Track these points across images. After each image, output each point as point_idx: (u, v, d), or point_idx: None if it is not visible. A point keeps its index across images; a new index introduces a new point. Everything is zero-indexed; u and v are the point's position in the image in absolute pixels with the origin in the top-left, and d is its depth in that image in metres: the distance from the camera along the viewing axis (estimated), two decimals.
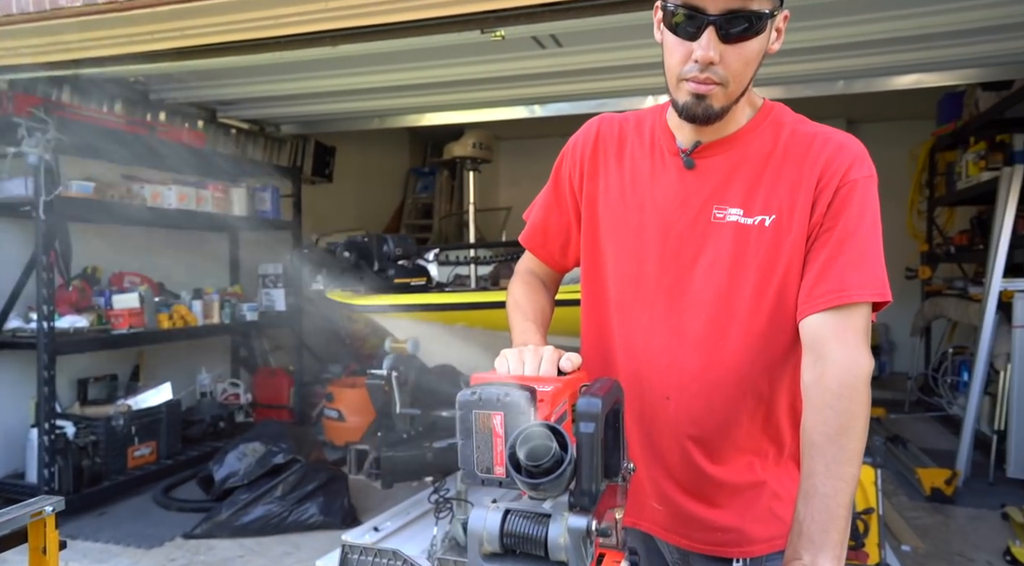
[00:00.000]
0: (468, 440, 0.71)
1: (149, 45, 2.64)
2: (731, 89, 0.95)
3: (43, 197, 3.23)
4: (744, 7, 0.90)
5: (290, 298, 4.95)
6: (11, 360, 3.61)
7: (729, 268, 1.00)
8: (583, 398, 0.70)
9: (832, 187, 0.97)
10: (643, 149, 1.09)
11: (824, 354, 0.94)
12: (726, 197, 1.01)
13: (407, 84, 3.85)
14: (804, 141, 1.00)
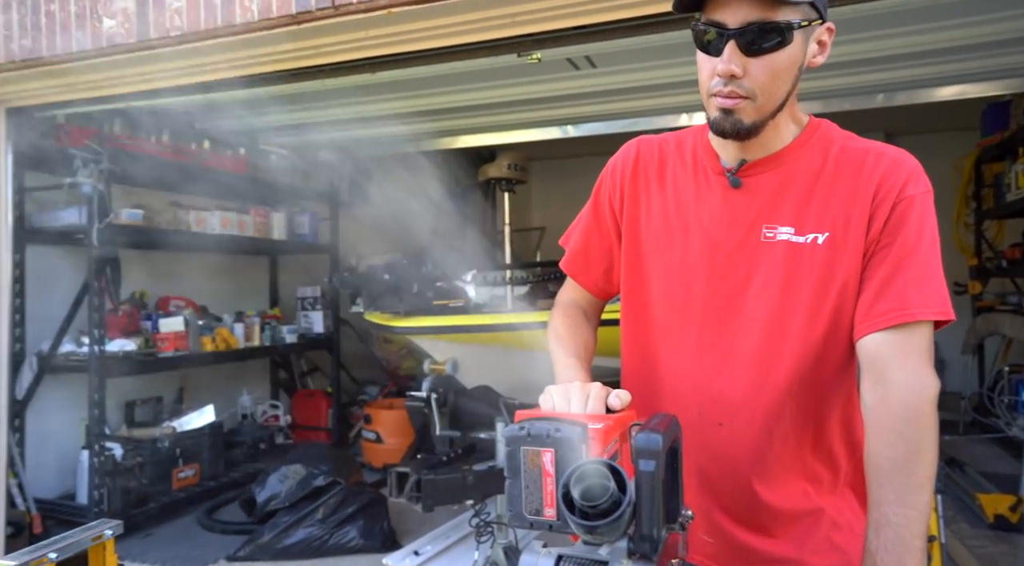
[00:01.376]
0: (516, 479, 0.67)
1: (197, 78, 2.74)
2: (760, 102, 0.93)
3: (96, 225, 3.34)
4: (766, 19, 0.88)
5: (328, 320, 5.01)
6: (64, 383, 3.72)
7: (781, 288, 0.98)
8: (643, 434, 0.66)
9: (889, 203, 0.94)
10: (685, 170, 1.07)
11: (886, 375, 0.91)
12: (775, 216, 0.99)
13: (442, 108, 3.91)
14: (856, 157, 0.98)
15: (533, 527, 0.67)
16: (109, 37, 2.51)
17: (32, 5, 2.64)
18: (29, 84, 2.92)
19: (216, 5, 2.34)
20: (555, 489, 0.65)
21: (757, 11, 0.88)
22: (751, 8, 0.88)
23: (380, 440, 4.52)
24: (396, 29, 2.29)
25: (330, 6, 2.19)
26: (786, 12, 0.89)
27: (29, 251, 3.58)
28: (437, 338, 2.97)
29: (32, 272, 3.61)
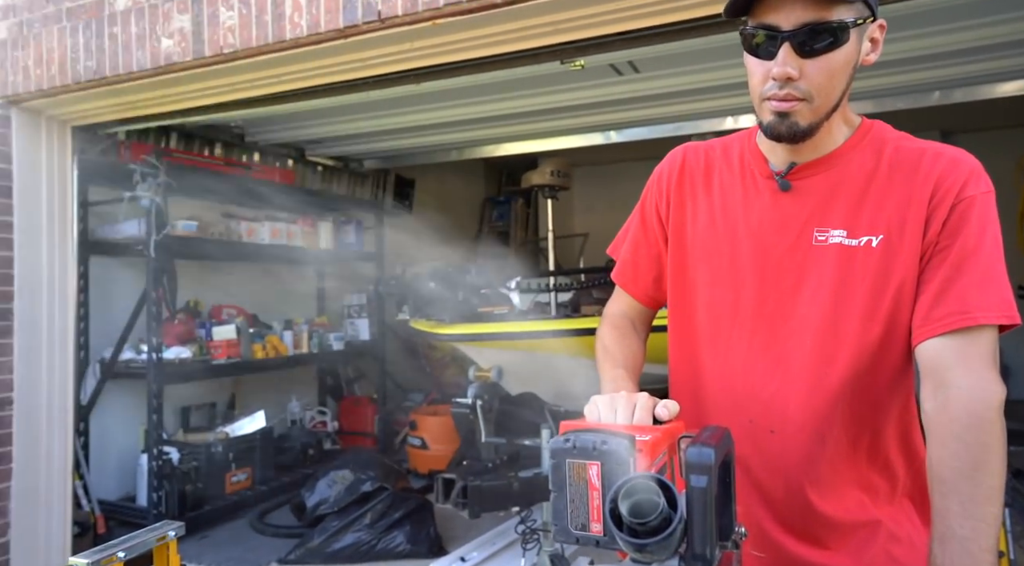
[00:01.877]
0: (561, 493, 0.65)
1: (249, 92, 2.82)
2: (817, 104, 0.91)
3: (153, 237, 3.48)
4: (820, 19, 0.86)
5: (373, 328, 5.09)
6: (125, 389, 3.87)
7: (835, 292, 0.95)
8: (694, 447, 0.63)
9: (947, 204, 0.92)
10: (732, 174, 1.06)
11: (947, 381, 0.88)
12: (827, 219, 0.97)
13: (485, 116, 3.93)
14: (912, 157, 0.96)
15: (579, 543, 0.65)
16: (167, 56, 2.60)
17: (96, 29, 2.76)
18: (93, 103, 3.05)
19: (267, 22, 2.41)
20: (602, 504, 0.63)
21: (812, 11, 0.86)
22: (805, 8, 0.86)
23: (426, 446, 4.56)
24: (440, 40, 2.31)
25: (376, 19, 2.23)
26: (840, 11, 0.87)
27: (92, 262, 3.74)
28: (482, 345, 2.99)
29: (95, 282, 3.77)
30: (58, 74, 2.86)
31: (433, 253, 5.87)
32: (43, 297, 3.24)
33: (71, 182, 3.37)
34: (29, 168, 3.20)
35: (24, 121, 3.17)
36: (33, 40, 2.94)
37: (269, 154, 4.69)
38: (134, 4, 2.69)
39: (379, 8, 2.22)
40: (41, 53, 2.91)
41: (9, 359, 3.11)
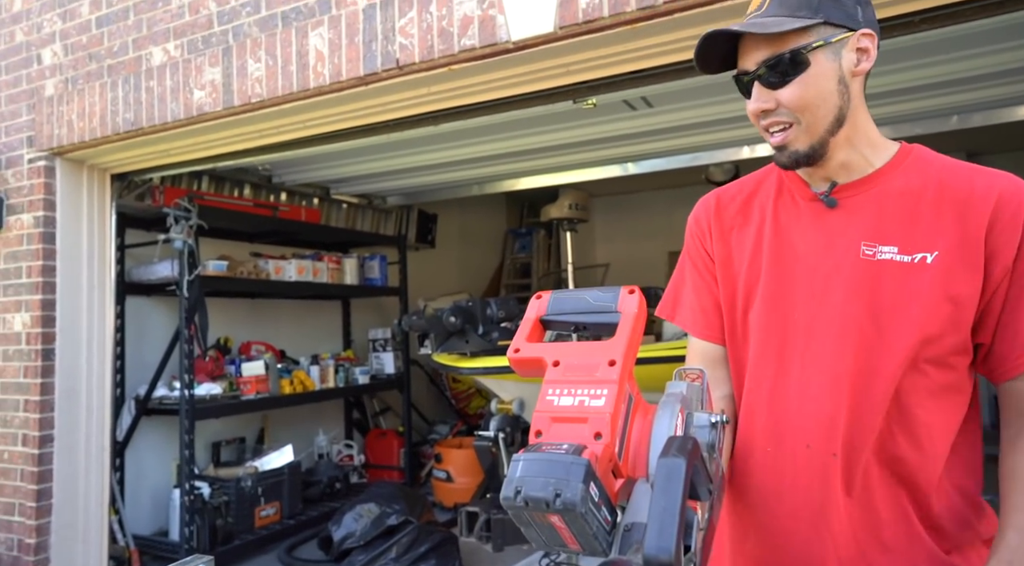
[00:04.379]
0: (528, 528, 0.64)
1: (275, 137, 2.95)
2: (807, 124, 0.95)
3: (186, 277, 3.60)
4: (774, 53, 0.92)
5: (398, 361, 5.15)
6: (158, 425, 3.97)
7: (885, 307, 0.94)
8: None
9: (1018, 230, 0.91)
10: (771, 202, 1.07)
11: None
12: (876, 235, 0.97)
13: (503, 152, 4.03)
14: (964, 176, 0.96)
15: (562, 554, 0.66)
16: (199, 106, 2.75)
17: (134, 83, 2.92)
18: (131, 152, 3.21)
19: (292, 73, 2.53)
20: (572, 536, 0.62)
21: (767, 49, 0.93)
22: (762, 49, 0.94)
23: (450, 479, 4.57)
24: (456, 84, 2.41)
25: (395, 67, 2.34)
26: (795, 40, 0.92)
27: (128, 302, 3.88)
28: (503, 378, 3.02)
29: (130, 322, 3.91)
30: (99, 126, 3.03)
31: (455, 286, 5.96)
32: (83, 337, 3.38)
33: (110, 227, 3.53)
34: (72, 215, 3.36)
35: (68, 170, 3.35)
36: (77, 95, 3.12)
37: (296, 194, 4.84)
38: (169, 59, 2.85)
39: (397, 56, 2.33)
40: (84, 107, 3.09)
41: (51, 397, 3.24)
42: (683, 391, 0.80)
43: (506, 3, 2.16)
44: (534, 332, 0.85)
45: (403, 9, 2.32)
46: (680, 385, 0.81)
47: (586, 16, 2.02)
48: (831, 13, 0.92)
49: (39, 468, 3.18)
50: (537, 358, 0.79)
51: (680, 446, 0.62)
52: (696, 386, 0.84)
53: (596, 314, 0.83)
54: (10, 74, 3.39)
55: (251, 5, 2.66)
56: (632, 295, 0.81)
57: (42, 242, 3.24)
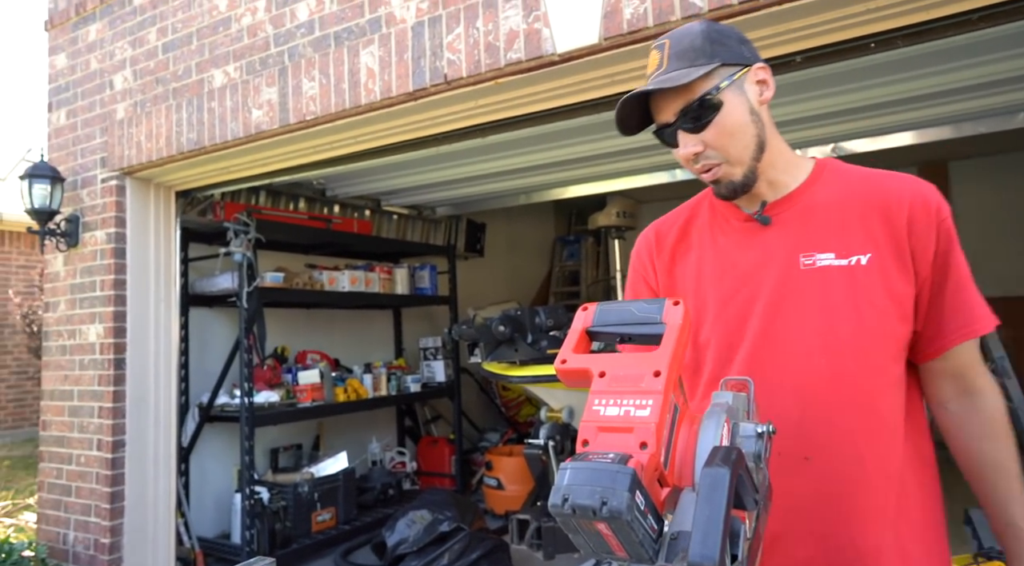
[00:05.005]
0: (576, 535, 0.66)
1: (328, 153, 3.05)
2: (733, 158, 1.04)
3: (245, 289, 3.75)
4: (688, 101, 1.01)
5: (448, 370, 5.22)
6: (220, 432, 4.13)
7: (832, 309, 1.01)
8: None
9: (933, 228, 1.01)
10: (709, 228, 1.15)
11: (975, 387, 1.05)
12: (810, 245, 1.04)
13: (550, 162, 4.06)
14: (878, 182, 1.06)
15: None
16: (256, 125, 2.87)
17: (197, 105, 3.07)
18: (193, 170, 3.37)
19: (344, 90, 2.62)
20: (619, 542, 0.64)
21: (679, 101, 1.02)
22: (675, 101, 1.02)
23: (501, 486, 4.60)
24: (503, 97, 2.45)
25: (443, 82, 2.40)
26: (702, 86, 1.01)
27: (192, 313, 4.06)
28: (552, 387, 3.03)
29: (193, 332, 4.08)
30: (165, 146, 3.19)
31: (504, 295, 6.00)
32: (150, 347, 3.55)
33: (175, 241, 3.70)
34: (140, 230, 3.54)
35: (136, 189, 3.53)
36: (145, 118, 3.29)
37: (348, 206, 4.97)
38: (229, 81, 2.98)
39: (445, 71, 2.38)
40: (151, 129, 3.26)
41: (123, 405, 3.41)
42: (729, 401, 0.80)
43: (552, 16, 2.19)
44: (580, 343, 0.87)
45: (450, 25, 2.38)
46: (726, 395, 0.81)
47: (631, 27, 2.03)
48: (724, 55, 1.02)
49: (112, 472, 3.35)
50: (584, 369, 0.81)
51: (725, 456, 0.63)
52: (742, 396, 0.84)
53: (641, 325, 0.84)
54: (86, 99, 3.61)
55: (305, 26, 2.77)
56: (677, 306, 0.82)
57: (114, 257, 3.43)
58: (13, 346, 8.41)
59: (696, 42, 1.02)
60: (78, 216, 3.57)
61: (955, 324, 1.02)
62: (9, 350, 8.41)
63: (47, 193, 3.44)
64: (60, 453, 3.57)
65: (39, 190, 3.43)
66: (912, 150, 5.03)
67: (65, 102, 3.71)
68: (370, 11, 2.58)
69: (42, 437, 3.67)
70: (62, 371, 3.61)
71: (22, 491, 4.75)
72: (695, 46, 1.02)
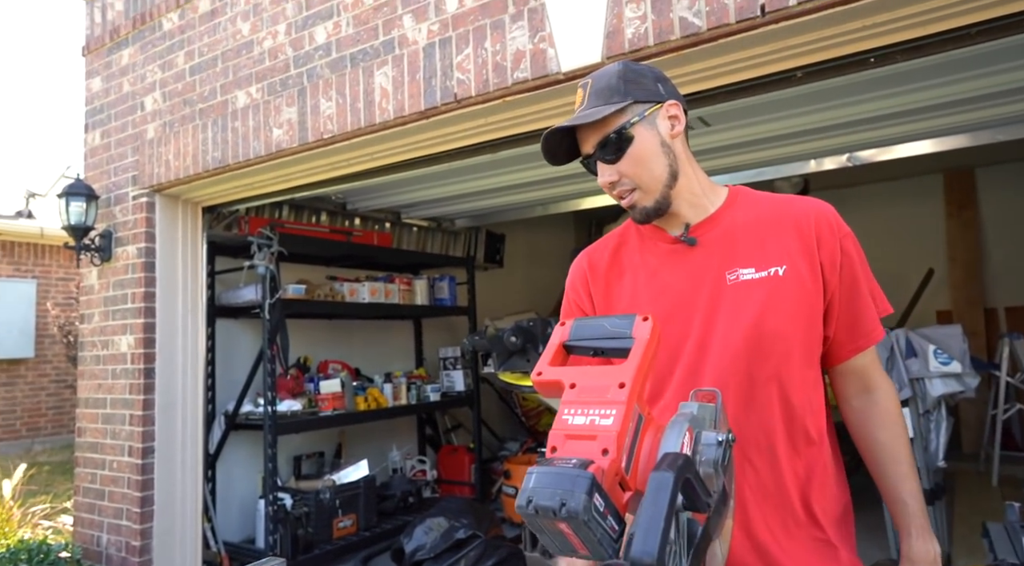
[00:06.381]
0: (543, 535, 0.72)
1: (345, 169, 3.15)
2: (645, 186, 1.14)
3: (268, 300, 3.87)
4: (603, 135, 1.12)
5: (468, 379, 5.29)
6: (244, 439, 4.25)
7: (756, 317, 1.10)
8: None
9: (835, 240, 1.14)
10: (638, 251, 1.24)
11: (874, 384, 1.20)
12: (733, 262, 1.14)
13: (566, 174, 4.11)
14: (787, 205, 1.18)
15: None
16: (277, 144, 2.98)
17: (222, 124, 3.21)
18: (219, 187, 3.51)
19: (359, 110, 2.72)
20: (581, 543, 0.70)
21: (596, 134, 1.13)
22: (593, 135, 1.13)
23: None
24: (511, 114, 2.52)
25: (453, 101, 2.48)
26: (615, 122, 1.11)
27: (218, 325, 4.19)
28: None
29: (219, 342, 4.22)
30: (192, 164, 3.33)
31: (524, 305, 6.06)
32: (178, 357, 3.68)
33: (202, 255, 3.84)
34: (169, 245, 3.69)
35: (165, 205, 3.68)
36: (173, 137, 3.44)
37: (368, 219, 5.09)
38: (251, 101, 3.11)
39: (455, 91, 2.47)
40: (179, 147, 3.40)
41: (152, 412, 3.54)
42: (694, 411, 0.85)
43: (556, 36, 2.26)
44: (556, 356, 0.93)
45: (460, 46, 2.46)
46: (691, 406, 0.87)
47: (632, 46, 2.09)
48: (636, 94, 1.12)
49: (142, 477, 3.48)
50: (557, 380, 0.88)
51: (672, 462, 0.69)
52: (710, 407, 0.89)
53: (612, 340, 0.90)
54: (118, 121, 3.78)
55: (323, 49, 2.88)
56: (646, 322, 0.88)
57: (144, 271, 3.57)
58: (52, 356, 8.72)
59: (612, 82, 1.13)
60: (111, 232, 3.73)
61: (862, 330, 1.16)
62: (49, 360, 8.72)
63: (83, 210, 3.61)
64: (94, 459, 3.71)
65: (75, 207, 3.59)
66: (937, 157, 4.98)
67: (100, 123, 3.89)
68: (384, 33, 2.68)
69: (77, 443, 3.82)
70: (96, 380, 3.76)
71: (60, 495, 4.94)
72: (611, 85, 1.12)
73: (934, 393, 3.36)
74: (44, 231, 8.54)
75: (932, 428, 3.45)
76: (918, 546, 1.14)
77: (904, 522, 1.16)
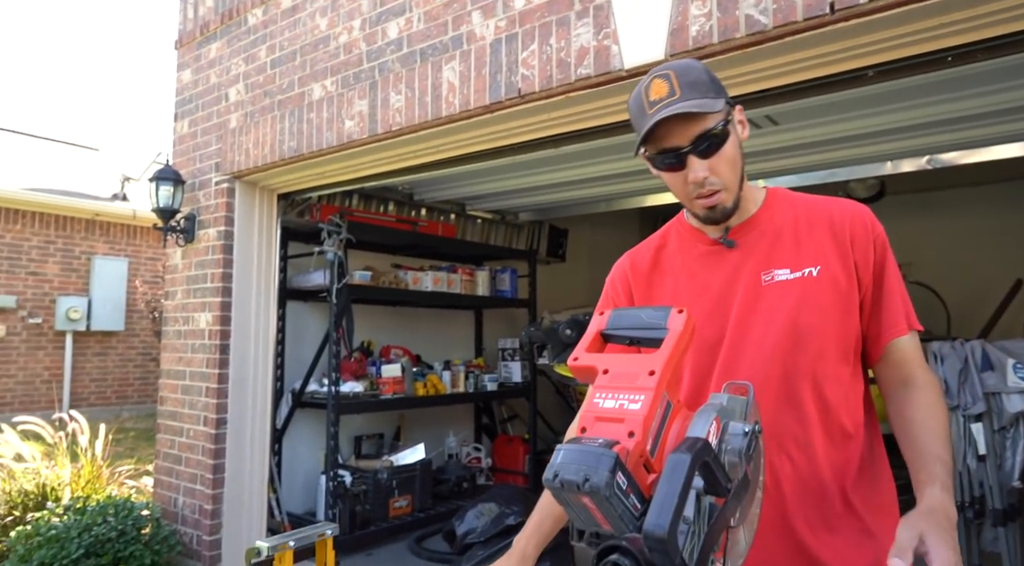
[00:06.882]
0: (568, 508, 0.75)
1: (412, 161, 3.26)
2: (730, 185, 1.15)
3: (335, 285, 4.04)
4: (705, 129, 1.10)
5: (525, 371, 5.35)
6: (310, 417, 4.46)
7: (791, 316, 1.13)
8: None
9: (870, 242, 1.16)
10: (678, 254, 1.26)
11: (912, 378, 1.16)
12: (768, 263, 1.18)
13: (629, 170, 4.11)
14: (824, 207, 1.21)
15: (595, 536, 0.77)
16: (348, 135, 3.12)
17: (298, 115, 3.37)
18: (293, 175, 3.69)
19: (427, 103, 2.81)
20: (604, 517, 0.73)
21: (697, 126, 1.10)
22: (691, 127, 1.10)
23: None
24: (573, 110, 2.56)
25: (517, 96, 2.53)
26: (714, 118, 1.11)
27: (288, 307, 4.41)
28: None
29: (289, 324, 4.43)
30: (269, 153, 3.52)
31: (584, 300, 6.07)
32: (251, 335, 3.90)
33: (276, 239, 4.05)
34: (246, 229, 3.90)
35: (244, 191, 3.90)
36: (253, 127, 3.64)
37: (434, 210, 5.21)
38: (326, 94, 3.25)
39: (519, 86, 2.52)
40: (258, 137, 3.60)
41: (226, 386, 3.77)
42: (723, 402, 0.88)
43: (621, 33, 2.28)
44: (593, 344, 0.97)
45: (526, 42, 2.51)
46: (722, 397, 0.89)
47: (696, 43, 2.09)
48: (722, 94, 1.14)
49: (215, 446, 3.71)
50: (592, 366, 0.92)
51: (690, 445, 0.72)
52: (740, 399, 0.91)
53: (647, 330, 0.94)
54: (205, 110, 4.02)
55: (395, 43, 2.98)
56: (680, 314, 0.91)
57: (223, 253, 3.80)
58: (140, 330, 9.34)
59: (703, 77, 1.13)
60: (195, 215, 3.98)
61: (889, 323, 1.17)
62: (136, 333, 9.34)
63: (170, 194, 3.86)
64: (173, 426, 3.98)
65: (164, 191, 3.85)
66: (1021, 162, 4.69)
67: (188, 113, 4.14)
68: (453, 29, 2.76)
69: (159, 411, 4.11)
70: (177, 353, 4.03)
71: (143, 459, 5.31)
72: (702, 80, 1.12)
73: (1011, 409, 3.20)
74: (136, 213, 9.14)
75: (1008, 446, 3.29)
76: (942, 497, 0.98)
77: (926, 475, 1.01)
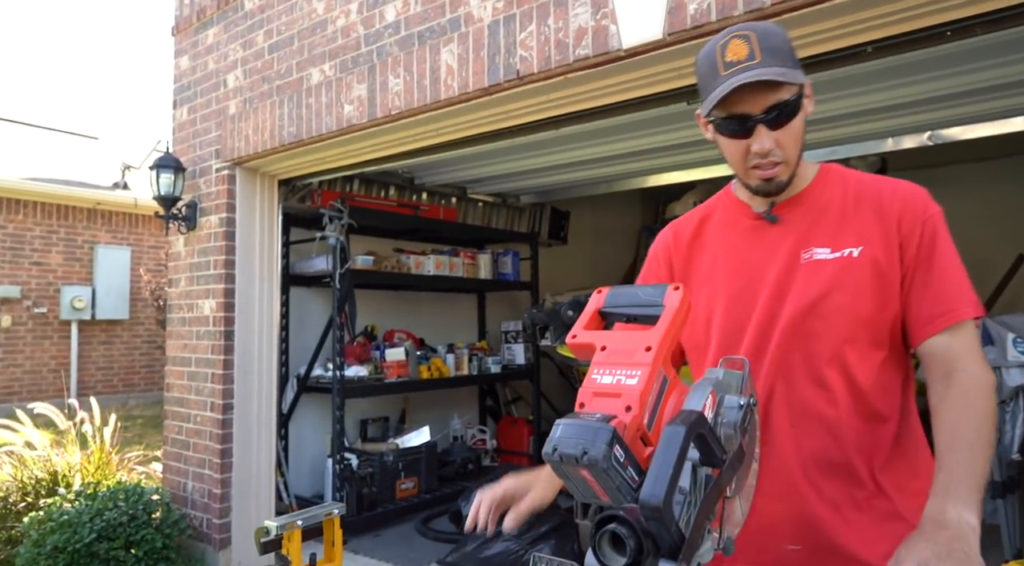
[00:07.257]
0: (568, 481, 0.77)
1: (412, 145, 3.26)
2: (791, 158, 1.11)
3: (338, 270, 4.06)
4: (780, 99, 1.06)
5: (528, 353, 5.38)
6: (315, 401, 4.50)
7: (825, 295, 1.10)
8: None
9: (919, 223, 1.11)
10: (722, 226, 1.25)
11: (956, 368, 1.06)
12: (810, 241, 1.15)
13: (631, 151, 4.10)
14: (874, 186, 1.16)
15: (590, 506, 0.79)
16: (348, 119, 3.11)
17: (297, 100, 3.37)
18: (293, 161, 3.69)
19: (426, 87, 2.80)
20: (601, 488, 0.75)
21: (772, 95, 1.06)
22: (765, 95, 1.06)
23: None
24: (572, 91, 2.55)
25: (515, 78, 2.52)
26: (790, 88, 1.07)
27: (291, 292, 4.43)
28: None
29: (293, 309, 4.46)
30: (269, 139, 3.51)
31: (587, 282, 6.08)
32: (255, 321, 3.92)
33: (277, 225, 4.06)
34: (247, 215, 3.91)
35: (244, 178, 3.90)
36: (252, 113, 3.63)
37: (435, 194, 5.21)
38: (324, 78, 3.24)
39: (517, 68, 2.51)
40: (258, 123, 3.59)
41: (231, 372, 3.80)
42: (719, 376, 0.90)
43: (619, 13, 2.27)
44: (591, 322, 0.99)
45: (523, 24, 2.50)
46: (718, 371, 0.91)
47: (694, 22, 2.08)
48: (799, 64, 1.11)
49: (222, 431, 3.75)
50: (590, 343, 0.93)
51: (685, 417, 0.74)
52: (736, 373, 0.93)
53: (644, 307, 0.95)
54: (204, 97, 4.01)
55: (392, 27, 2.97)
56: (676, 291, 0.93)
57: (225, 239, 3.81)
58: (144, 318, 9.39)
59: (784, 45, 1.08)
60: (196, 202, 3.99)
61: (940, 309, 1.09)
62: (141, 322, 9.39)
63: (171, 182, 3.87)
64: (180, 412, 4.03)
65: (164, 179, 3.85)
66: None
67: (187, 100, 4.14)
68: (451, 11, 2.75)
69: (166, 397, 4.15)
70: (182, 340, 4.06)
71: (152, 446, 5.37)
72: (783, 48, 1.07)
73: (1011, 383, 3.22)
74: (138, 201, 9.15)
75: (1007, 420, 3.32)
76: (936, 509, 0.91)
77: (935, 486, 0.95)
